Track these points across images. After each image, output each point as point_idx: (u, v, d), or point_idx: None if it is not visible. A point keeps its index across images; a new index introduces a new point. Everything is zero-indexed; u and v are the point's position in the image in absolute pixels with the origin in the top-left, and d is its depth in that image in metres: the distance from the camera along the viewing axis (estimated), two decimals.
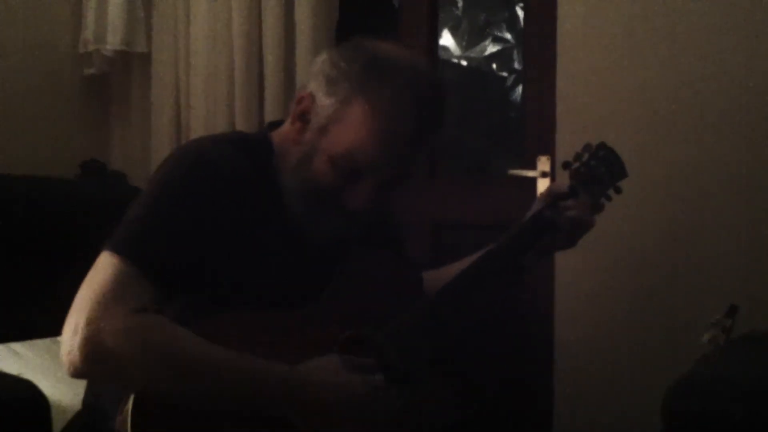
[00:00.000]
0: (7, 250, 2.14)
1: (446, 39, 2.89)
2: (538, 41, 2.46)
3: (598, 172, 1.56)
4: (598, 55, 2.28)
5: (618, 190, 1.59)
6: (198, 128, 2.67)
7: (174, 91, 2.76)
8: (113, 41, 2.77)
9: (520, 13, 2.75)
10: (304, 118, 1.41)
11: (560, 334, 2.34)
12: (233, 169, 1.38)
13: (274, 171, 1.43)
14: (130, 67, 2.88)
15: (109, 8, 2.76)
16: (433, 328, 1.42)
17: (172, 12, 2.75)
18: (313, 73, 1.42)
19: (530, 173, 2.43)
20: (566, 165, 1.58)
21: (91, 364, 1.22)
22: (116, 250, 1.29)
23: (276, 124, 1.53)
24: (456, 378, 1.54)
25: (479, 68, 2.90)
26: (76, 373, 1.25)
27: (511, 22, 2.83)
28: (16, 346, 2.09)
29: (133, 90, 2.89)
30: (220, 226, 1.34)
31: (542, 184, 2.37)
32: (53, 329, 1.79)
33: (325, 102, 1.38)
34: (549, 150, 2.37)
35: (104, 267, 1.28)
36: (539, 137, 2.43)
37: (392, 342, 1.37)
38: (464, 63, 2.91)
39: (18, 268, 2.15)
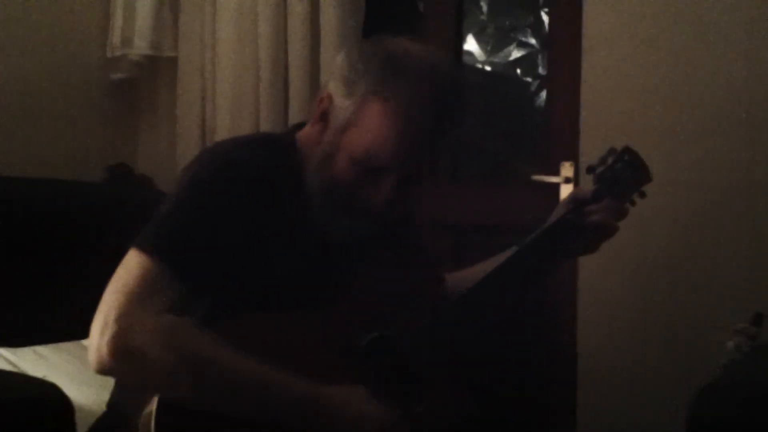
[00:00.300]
0: (34, 254, 2.17)
1: (471, 44, 2.89)
2: (563, 47, 2.46)
3: (622, 176, 1.56)
4: (622, 61, 2.28)
5: (643, 195, 1.59)
6: (223, 132, 2.69)
7: (200, 94, 2.78)
8: (141, 45, 2.79)
9: (546, 18, 2.74)
10: (324, 118, 1.42)
11: (583, 338, 2.33)
12: (259, 171, 1.39)
13: (299, 172, 1.44)
14: (157, 71, 2.90)
15: (137, 12, 2.78)
16: (457, 332, 1.43)
17: (199, 16, 2.77)
18: (332, 73, 1.43)
19: (553, 179, 2.42)
20: (590, 169, 1.57)
21: (118, 362, 1.24)
22: (145, 249, 1.30)
23: (302, 126, 1.55)
24: (476, 381, 1.54)
25: (504, 73, 2.90)
26: (103, 370, 1.26)
27: (537, 28, 2.82)
28: (42, 349, 2.10)
29: (160, 94, 2.91)
30: (247, 228, 1.35)
31: (565, 190, 2.37)
32: (78, 332, 1.82)
33: (343, 102, 1.39)
34: (573, 156, 2.37)
35: (133, 265, 1.29)
36: (563, 143, 2.43)
37: (413, 344, 1.38)
38: (489, 68, 2.90)
39: (44, 271, 2.17)
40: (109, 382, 1.46)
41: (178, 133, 2.81)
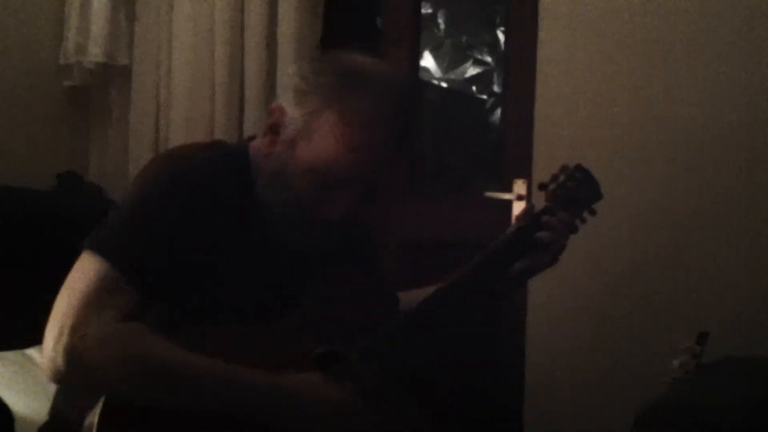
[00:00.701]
0: None
1: (428, 60, 2.91)
2: (518, 65, 2.49)
3: (574, 193, 1.58)
4: (576, 80, 2.31)
5: (593, 213, 1.61)
6: (177, 141, 2.66)
7: (154, 104, 2.76)
8: (95, 53, 2.76)
9: (501, 37, 2.77)
10: (275, 130, 1.41)
11: (532, 356, 2.35)
12: (213, 179, 1.37)
13: (251, 182, 1.43)
14: (110, 79, 2.87)
15: (92, 19, 2.75)
16: (407, 346, 1.43)
17: (155, 24, 2.75)
18: (284, 85, 1.43)
19: (506, 196, 2.44)
20: (542, 186, 1.59)
21: (74, 371, 1.22)
22: (100, 252, 1.28)
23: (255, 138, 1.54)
24: (427, 396, 1.54)
25: (459, 90, 2.92)
26: (58, 379, 1.25)
27: (493, 46, 2.85)
28: None
29: (113, 102, 2.88)
30: (199, 237, 1.33)
31: (518, 207, 2.38)
32: (20, 341, 1.78)
33: (294, 114, 1.38)
34: (526, 173, 2.39)
35: (87, 271, 1.28)
36: (516, 160, 2.45)
37: (365, 359, 1.37)
38: (444, 84, 2.92)
39: None
40: (52, 390, 1.44)
41: (131, 143, 2.78)
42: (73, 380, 1.27)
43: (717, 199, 2.13)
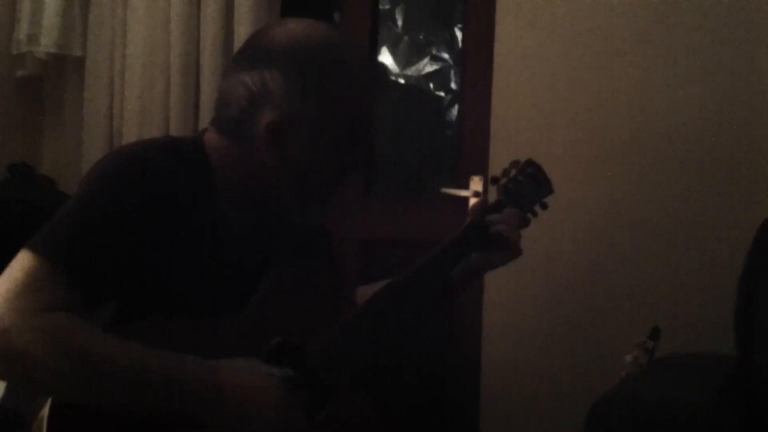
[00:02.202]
0: None
1: (385, 56, 2.90)
2: (475, 62, 2.50)
3: (525, 188, 1.60)
4: (533, 78, 2.33)
5: (544, 206, 1.62)
6: (131, 134, 2.64)
7: (108, 95, 2.73)
8: (47, 43, 2.72)
9: (459, 34, 2.78)
10: (280, 136, 1.39)
11: (487, 353, 2.36)
12: (164, 175, 1.35)
13: (207, 177, 1.41)
14: (63, 70, 2.83)
15: (45, 9, 2.71)
16: (360, 342, 1.43)
17: (109, 14, 2.72)
18: (262, 91, 1.41)
19: (463, 193, 2.45)
20: (494, 180, 1.61)
21: (2, 362, 1.19)
22: (32, 248, 1.26)
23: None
24: (379, 392, 1.55)
25: (417, 86, 2.92)
26: None
27: (450, 43, 2.86)
28: None
29: (66, 93, 2.84)
30: (149, 232, 1.31)
31: (472, 203, 2.40)
32: None
33: (261, 104, 1.38)
34: (483, 170, 2.40)
35: (18, 264, 1.25)
36: (473, 157, 2.46)
37: (318, 353, 1.37)
38: (402, 81, 2.92)
39: None
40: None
41: (84, 135, 2.74)
42: (3, 373, 1.24)
43: (670, 198, 2.16)
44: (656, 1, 2.18)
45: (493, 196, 1.63)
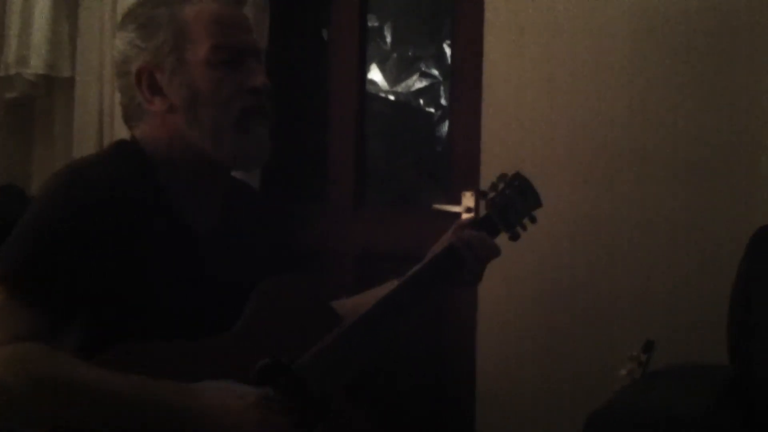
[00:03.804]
0: None
1: (375, 73, 2.91)
2: (465, 78, 2.50)
3: (513, 201, 1.59)
4: (522, 93, 2.33)
5: (533, 220, 1.62)
6: None
7: (98, 115, 2.72)
8: (36, 65, 2.72)
9: (448, 50, 2.78)
10: (155, 89, 1.40)
11: (482, 363, 2.36)
12: (107, 185, 1.33)
13: (151, 171, 1.40)
14: (53, 90, 2.83)
15: (33, 31, 2.71)
16: (351, 357, 1.42)
17: (98, 35, 2.72)
18: (126, 50, 1.42)
19: (455, 208, 2.45)
20: (482, 195, 1.61)
21: None
22: None
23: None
24: (375, 403, 1.53)
25: (406, 103, 2.93)
26: None
27: (439, 59, 2.87)
28: None
29: (56, 114, 2.84)
30: (103, 246, 1.29)
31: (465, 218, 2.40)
32: None
33: (161, 52, 1.39)
34: (474, 185, 2.41)
35: None
36: (464, 173, 2.46)
37: (309, 370, 1.36)
38: (392, 97, 2.93)
39: None
40: None
41: (75, 155, 2.73)
42: None
43: (663, 209, 2.17)
44: (644, 16, 2.19)
45: (484, 211, 1.63)
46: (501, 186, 1.60)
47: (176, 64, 1.39)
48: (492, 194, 1.59)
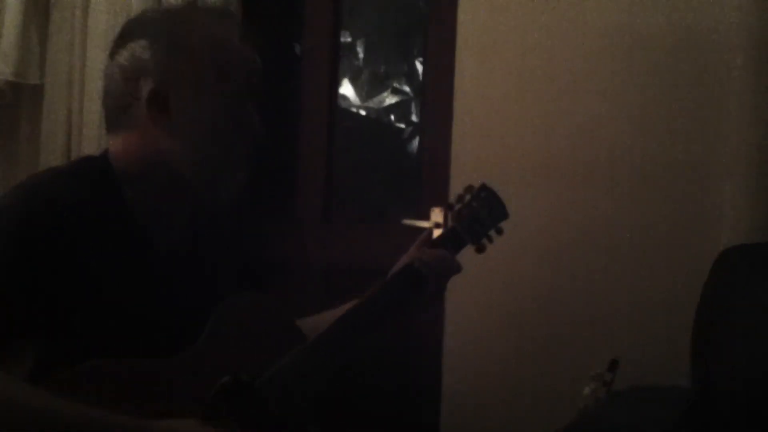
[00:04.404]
0: None
1: (346, 88, 2.92)
2: (436, 95, 2.51)
3: (479, 213, 1.59)
4: (493, 110, 2.34)
5: (499, 231, 1.62)
6: None
7: (66, 124, 2.69)
8: (4, 72, 2.68)
9: (420, 66, 2.80)
10: (159, 105, 1.37)
11: (447, 382, 2.35)
12: (67, 204, 1.30)
13: (115, 191, 1.37)
14: (19, 98, 2.79)
15: (2, 38, 2.68)
16: (313, 375, 1.40)
17: (68, 42, 2.69)
18: (141, 60, 1.39)
19: (424, 224, 2.45)
20: (449, 207, 1.60)
21: None
22: None
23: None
24: (338, 424, 1.52)
25: (377, 119, 2.93)
26: None
27: (411, 75, 2.88)
28: None
29: (22, 123, 2.80)
30: (60, 269, 1.26)
31: (435, 235, 2.40)
32: None
33: (161, 70, 1.37)
34: (443, 202, 2.41)
35: None
36: (434, 189, 2.47)
37: (270, 389, 1.34)
38: (363, 113, 2.94)
39: None
40: None
41: (41, 164, 2.70)
42: None
43: (627, 230, 2.18)
44: (615, 34, 2.21)
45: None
46: (467, 197, 1.60)
47: (195, 92, 1.37)
48: (458, 206, 1.59)
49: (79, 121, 2.67)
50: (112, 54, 1.41)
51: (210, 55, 1.38)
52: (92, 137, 2.63)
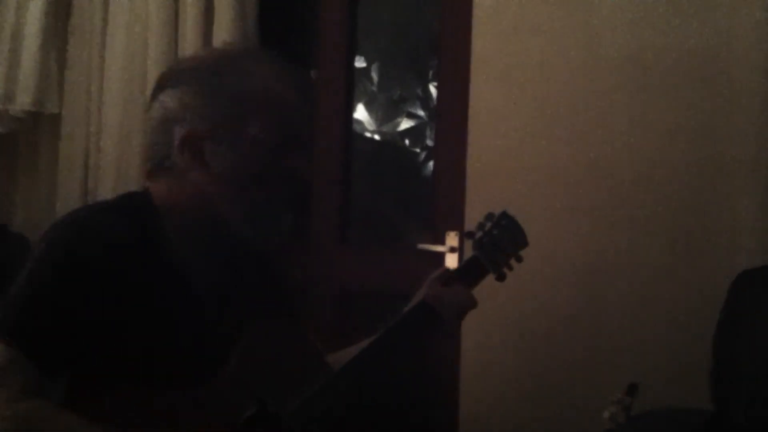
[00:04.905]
0: None
1: (361, 113, 2.93)
2: (450, 119, 2.52)
3: (500, 241, 1.57)
4: (508, 134, 2.34)
5: (519, 259, 1.60)
6: (107, 191, 2.62)
7: (84, 152, 2.72)
8: (23, 102, 2.71)
9: (434, 91, 2.81)
10: (200, 158, 1.37)
11: (465, 406, 2.34)
12: (114, 239, 1.32)
13: (158, 228, 1.38)
14: (39, 126, 2.82)
15: (21, 67, 2.71)
16: (336, 407, 1.40)
17: (86, 71, 2.72)
18: (175, 108, 1.38)
19: (439, 248, 2.45)
20: (469, 235, 1.59)
21: None
22: None
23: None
24: None
25: (392, 143, 2.94)
26: None
27: (425, 100, 2.89)
28: None
29: (41, 150, 2.83)
30: (105, 301, 1.28)
31: (450, 259, 2.40)
32: None
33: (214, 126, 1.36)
34: (458, 226, 2.41)
35: None
36: (449, 213, 2.47)
37: (297, 421, 1.34)
38: (378, 137, 2.95)
39: None
40: None
41: (59, 192, 2.73)
42: None
43: (645, 254, 2.17)
44: (631, 57, 2.21)
45: (468, 251, 1.62)
46: (488, 225, 1.58)
47: (231, 138, 1.36)
48: (479, 234, 1.57)
49: (96, 150, 2.69)
50: (149, 108, 1.42)
51: (253, 104, 1.37)
52: (110, 165, 2.65)
